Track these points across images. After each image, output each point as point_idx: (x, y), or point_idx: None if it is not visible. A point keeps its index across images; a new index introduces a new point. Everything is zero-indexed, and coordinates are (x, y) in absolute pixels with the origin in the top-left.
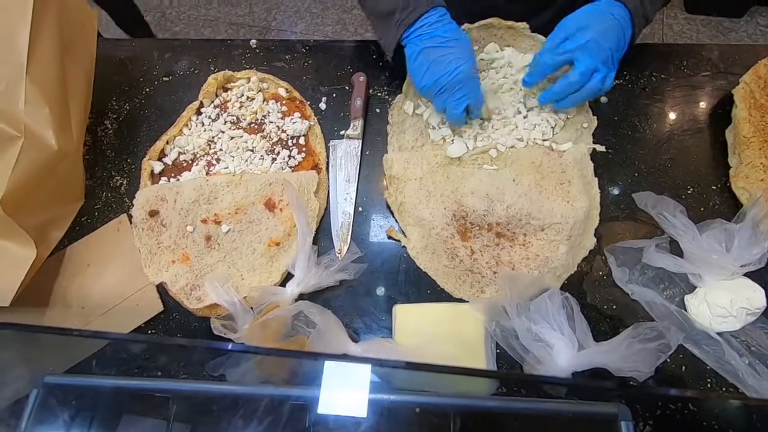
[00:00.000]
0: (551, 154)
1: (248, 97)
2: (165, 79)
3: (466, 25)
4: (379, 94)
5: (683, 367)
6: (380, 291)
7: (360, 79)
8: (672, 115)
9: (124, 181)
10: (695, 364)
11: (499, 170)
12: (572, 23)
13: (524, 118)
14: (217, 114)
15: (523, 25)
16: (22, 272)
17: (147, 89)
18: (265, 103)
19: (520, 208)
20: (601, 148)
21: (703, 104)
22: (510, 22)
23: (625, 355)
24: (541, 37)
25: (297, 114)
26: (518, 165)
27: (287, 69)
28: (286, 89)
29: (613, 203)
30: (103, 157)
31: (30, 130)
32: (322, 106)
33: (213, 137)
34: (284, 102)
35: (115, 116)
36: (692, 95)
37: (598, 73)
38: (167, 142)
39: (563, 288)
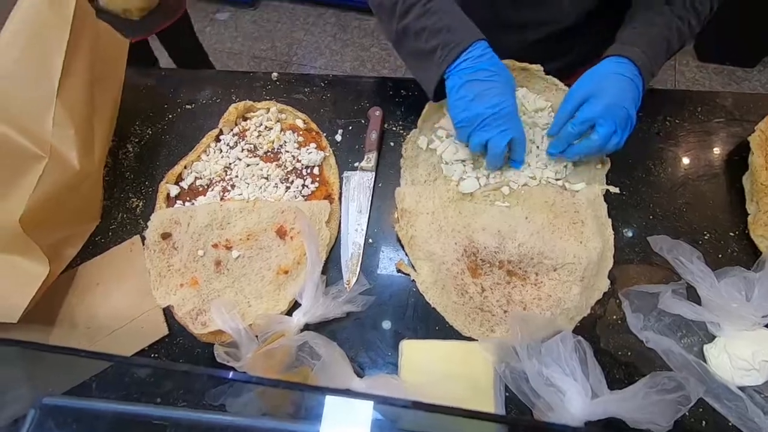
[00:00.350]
0: (564, 193)
1: (266, 127)
2: (188, 106)
3: None
4: (393, 128)
5: (703, 422)
6: (387, 325)
7: (376, 113)
8: (687, 160)
9: (141, 204)
10: (716, 419)
11: (511, 207)
12: (586, 87)
13: (536, 156)
14: (236, 141)
15: (537, 67)
16: (33, 289)
17: (170, 115)
18: (282, 133)
19: (532, 246)
20: (615, 189)
21: (718, 150)
22: (524, 64)
23: (642, 406)
24: (554, 80)
25: (313, 145)
26: (531, 203)
27: (306, 101)
28: (304, 120)
29: (628, 246)
30: (123, 179)
31: (55, 150)
32: (338, 137)
33: (230, 164)
34: (301, 133)
35: (137, 140)
36: (707, 141)
37: (615, 135)
38: (185, 167)
39: (576, 331)
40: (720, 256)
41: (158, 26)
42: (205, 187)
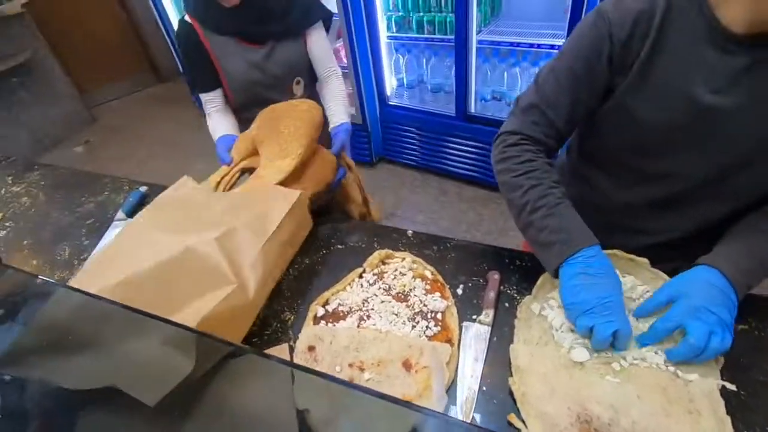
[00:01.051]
0: (677, 380)
1: (401, 273)
2: (339, 246)
3: None
4: (509, 291)
5: None
6: None
7: (494, 276)
8: None
9: (292, 318)
10: None
11: (622, 383)
12: (675, 288)
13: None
14: (375, 280)
15: (644, 260)
16: (174, 382)
17: (324, 251)
18: (413, 279)
19: (647, 426)
20: (731, 386)
21: None
22: (631, 255)
23: None
24: (662, 274)
25: (438, 294)
26: (642, 383)
27: (434, 256)
28: (432, 272)
29: None
30: (281, 296)
31: (242, 281)
32: (459, 291)
33: (368, 298)
34: (429, 282)
35: (297, 267)
36: None
37: (716, 335)
38: (332, 294)
39: None
40: None
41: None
42: (346, 313)
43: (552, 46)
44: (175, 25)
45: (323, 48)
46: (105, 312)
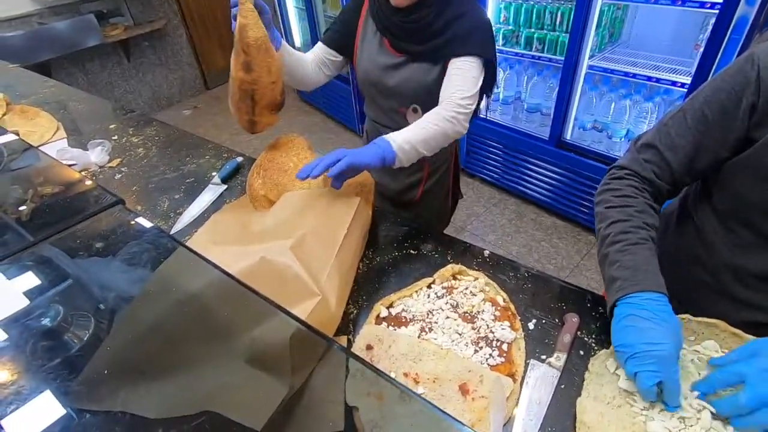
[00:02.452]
0: None
1: (472, 292)
2: (412, 252)
3: (687, 316)
4: (586, 338)
5: None
6: None
7: (573, 319)
8: None
9: (355, 311)
10: None
11: None
12: (754, 347)
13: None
14: (443, 294)
15: (722, 324)
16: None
17: (397, 253)
18: (483, 302)
19: None
20: None
21: None
22: (736, 330)
23: None
24: (743, 333)
25: (507, 323)
26: None
27: (508, 282)
28: (504, 299)
29: None
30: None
31: (324, 293)
32: (530, 326)
33: (433, 310)
34: (499, 308)
35: (367, 262)
36: None
37: None
38: (398, 298)
39: None
40: None
41: None
42: (409, 320)
43: (673, 83)
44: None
45: (458, 77)
46: (223, 285)
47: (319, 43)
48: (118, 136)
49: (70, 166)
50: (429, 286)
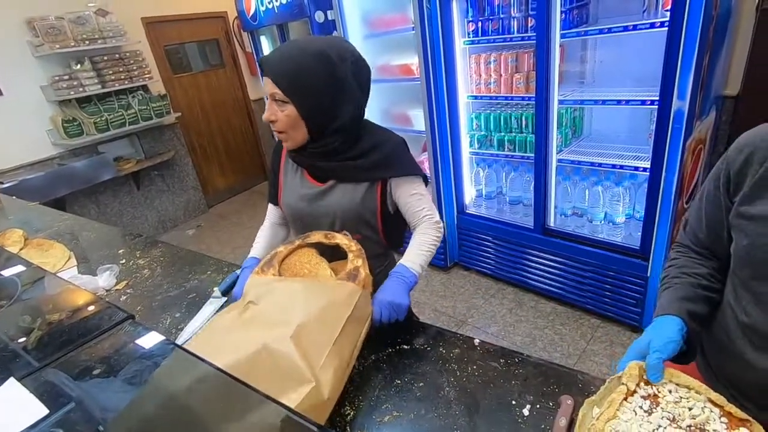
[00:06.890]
0: None
1: (681, 396)
2: (405, 347)
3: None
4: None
5: None
6: None
7: (567, 402)
8: None
9: (352, 413)
10: None
11: None
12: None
13: None
14: (650, 406)
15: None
16: None
17: (390, 350)
18: (705, 407)
19: None
20: None
21: None
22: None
23: None
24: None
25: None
26: None
27: (500, 369)
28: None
29: None
30: (344, 389)
31: (318, 380)
32: (525, 412)
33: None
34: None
35: (362, 361)
36: None
37: None
38: (605, 423)
39: None
40: None
41: None
42: None
43: (636, 168)
44: None
45: (413, 198)
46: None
47: (269, 205)
48: (125, 259)
49: None
50: (626, 398)
